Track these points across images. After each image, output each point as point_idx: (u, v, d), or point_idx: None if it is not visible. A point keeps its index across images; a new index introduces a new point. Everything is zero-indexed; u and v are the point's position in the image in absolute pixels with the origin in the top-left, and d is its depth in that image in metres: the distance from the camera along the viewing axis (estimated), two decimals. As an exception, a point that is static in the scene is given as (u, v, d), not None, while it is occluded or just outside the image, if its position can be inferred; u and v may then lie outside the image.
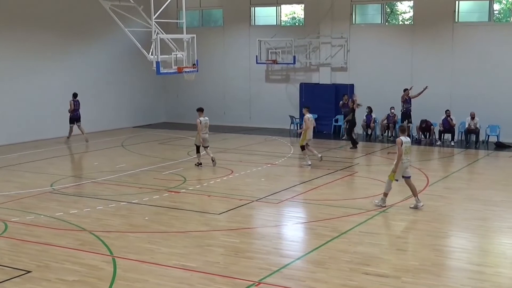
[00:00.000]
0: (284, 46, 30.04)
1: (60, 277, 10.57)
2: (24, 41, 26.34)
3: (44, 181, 18.44)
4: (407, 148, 15.03)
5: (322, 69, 29.70)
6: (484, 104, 25.48)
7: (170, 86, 33.02)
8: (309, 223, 14.32)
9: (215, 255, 11.76)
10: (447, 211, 15.26)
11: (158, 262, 11.30)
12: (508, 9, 27.58)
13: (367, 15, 29.97)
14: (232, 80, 32.11)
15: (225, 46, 32.18)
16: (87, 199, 16.28)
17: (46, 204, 15.77)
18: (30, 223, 13.98)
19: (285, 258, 11.60)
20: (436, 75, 27.14)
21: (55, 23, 27.55)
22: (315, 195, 16.68)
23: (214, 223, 14.08)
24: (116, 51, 30.24)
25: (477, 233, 13.32)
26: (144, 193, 16.82)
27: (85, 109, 26.85)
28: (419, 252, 11.97)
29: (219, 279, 10.47)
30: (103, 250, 12.03)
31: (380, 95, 27.77)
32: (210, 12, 33.63)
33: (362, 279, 10.45)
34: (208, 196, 16.62)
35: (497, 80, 25.91)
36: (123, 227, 13.75)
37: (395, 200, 15.81)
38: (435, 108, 25.81)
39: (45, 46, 27.24)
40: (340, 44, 29.21)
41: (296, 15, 31.95)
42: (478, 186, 18.31)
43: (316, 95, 29.24)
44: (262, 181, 18.64)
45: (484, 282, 10.34)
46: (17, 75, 26.10)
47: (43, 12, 27.01)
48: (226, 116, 31.97)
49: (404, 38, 28.04)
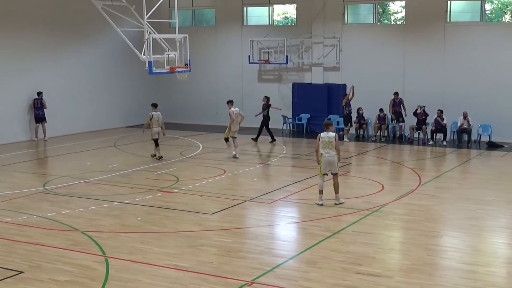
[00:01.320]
0: (277, 46, 30.04)
1: (53, 278, 10.54)
2: (15, 41, 26.23)
3: (36, 181, 18.40)
4: (325, 143, 15.14)
5: (315, 69, 29.73)
6: (476, 104, 25.54)
7: (162, 86, 32.96)
8: (301, 222, 14.33)
9: (208, 255, 11.75)
10: (439, 210, 15.30)
11: (150, 262, 11.28)
12: (499, 9, 27.68)
13: (359, 15, 30.00)
14: (225, 80, 32.08)
15: (218, 46, 32.16)
16: (79, 199, 16.23)
17: (38, 204, 15.72)
18: (22, 223, 13.93)
19: (278, 258, 11.60)
20: (428, 75, 27.20)
21: (47, 23, 27.46)
22: (308, 194, 16.68)
23: (206, 223, 14.07)
24: (109, 51, 30.18)
25: (469, 233, 13.35)
26: (137, 193, 16.80)
27: (77, 109, 26.82)
28: (412, 252, 12.00)
29: (211, 279, 10.46)
30: (95, 250, 12.00)
31: (372, 95, 27.79)
32: (202, 12, 33.61)
33: (354, 278, 10.46)
34: (200, 196, 16.61)
35: (489, 80, 25.97)
36: (115, 227, 13.72)
37: (387, 200, 15.86)
38: (427, 108, 25.83)
39: (37, 46, 27.13)
40: (332, 44, 29.24)
41: (288, 15, 31.97)
42: (470, 186, 18.37)
43: (309, 95, 29.29)
44: (254, 181, 18.65)
45: (476, 281, 10.36)
46: (9, 75, 25.98)
47: (34, 11, 26.91)
48: (218, 116, 31.91)
49: (396, 38, 28.08)
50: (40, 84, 27.06)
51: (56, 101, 27.64)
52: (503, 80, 25.78)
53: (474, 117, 24.86)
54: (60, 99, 27.92)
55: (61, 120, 27.68)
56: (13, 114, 26.15)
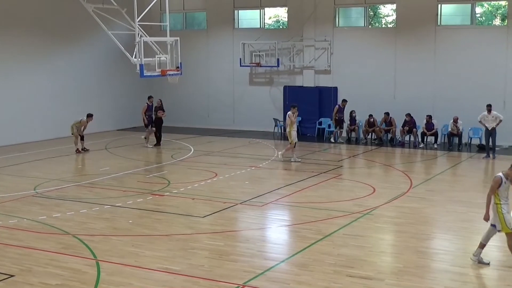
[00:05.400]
0: (268, 49, 30.06)
1: (43, 281, 10.51)
2: (5, 44, 26.15)
3: (27, 185, 18.32)
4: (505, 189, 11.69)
5: (306, 72, 29.78)
6: (466, 107, 25.58)
7: (154, 89, 32.88)
8: (293, 225, 14.35)
9: (199, 258, 11.75)
10: (430, 213, 15.35)
11: (142, 266, 11.26)
12: (490, 12, 27.79)
13: (350, 18, 30.08)
14: (216, 83, 32.09)
15: (209, 49, 32.16)
16: (70, 202, 16.19)
17: (29, 207, 15.67)
18: (13, 226, 13.88)
19: (269, 261, 11.61)
20: (419, 78, 27.28)
21: (38, 26, 27.37)
22: (299, 197, 16.70)
23: (198, 226, 14.06)
24: (100, 54, 30.13)
25: (460, 235, 13.41)
26: (128, 196, 16.77)
27: (68, 112, 26.74)
28: (403, 254, 12.03)
29: (203, 282, 10.46)
30: (86, 254, 11.97)
31: (364, 98, 27.88)
32: (193, 15, 33.61)
33: (346, 281, 10.48)
34: (192, 199, 16.60)
35: (479, 83, 26.06)
36: (106, 230, 13.69)
37: (378, 203, 15.89)
38: (418, 111, 25.93)
39: (27, 49, 27.05)
40: (323, 47, 29.30)
41: (279, 18, 31.99)
42: (461, 188, 18.42)
43: (300, 97, 29.26)
44: (246, 184, 18.65)
45: (467, 283, 10.41)
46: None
47: (25, 14, 26.83)
48: (210, 119, 31.97)
49: (387, 41, 28.15)
50: (31, 87, 26.99)
51: (47, 104, 27.58)
52: (493, 83, 25.88)
53: (464, 120, 24.93)
54: (51, 102, 27.84)
55: (52, 123, 27.58)
56: (4, 117, 26.05)
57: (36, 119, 27.20)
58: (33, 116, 27.13)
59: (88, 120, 24.21)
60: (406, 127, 25.93)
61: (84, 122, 24.15)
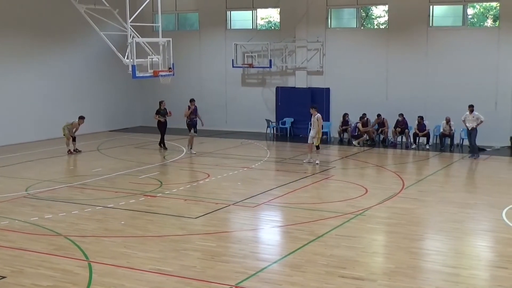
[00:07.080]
0: (260, 49, 30.06)
1: (35, 283, 10.47)
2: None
3: (19, 186, 18.26)
4: None
5: (298, 73, 29.79)
6: (458, 108, 25.59)
7: (146, 90, 32.86)
8: (285, 226, 14.35)
9: (192, 259, 11.73)
10: (422, 214, 15.38)
11: (134, 267, 11.24)
12: (481, 13, 27.88)
13: (342, 19, 30.12)
14: (208, 84, 32.05)
15: (201, 50, 32.14)
16: (62, 203, 16.13)
17: (21, 208, 15.61)
18: (4, 228, 13.83)
19: (262, 262, 11.60)
20: (410, 79, 27.35)
21: (29, 27, 27.27)
22: (292, 198, 16.71)
23: (190, 227, 14.04)
24: (92, 54, 30.04)
25: (452, 236, 13.43)
26: (120, 197, 16.73)
27: (60, 113, 26.68)
28: (395, 255, 12.05)
29: (195, 283, 10.44)
30: (78, 255, 11.94)
31: (356, 99, 27.94)
32: (186, 16, 33.58)
33: (338, 282, 10.49)
34: (184, 200, 16.58)
35: (471, 84, 26.12)
36: (98, 231, 13.66)
37: (371, 203, 15.91)
38: (410, 112, 25.99)
39: (19, 49, 26.96)
40: (316, 48, 29.32)
41: (272, 19, 32.00)
42: (453, 189, 18.48)
43: (293, 99, 29.33)
44: (238, 185, 18.64)
45: (459, 284, 10.42)
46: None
47: (16, 15, 26.74)
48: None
49: (379, 42, 28.20)
50: (22, 88, 26.90)
51: (39, 105, 27.50)
52: (485, 84, 25.96)
53: (456, 121, 24.99)
54: (43, 103, 27.76)
55: (44, 124, 27.50)
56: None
57: (28, 120, 27.10)
58: (25, 117, 27.02)
59: (80, 122, 24.22)
60: (398, 128, 26.02)
61: (76, 124, 24.16)
